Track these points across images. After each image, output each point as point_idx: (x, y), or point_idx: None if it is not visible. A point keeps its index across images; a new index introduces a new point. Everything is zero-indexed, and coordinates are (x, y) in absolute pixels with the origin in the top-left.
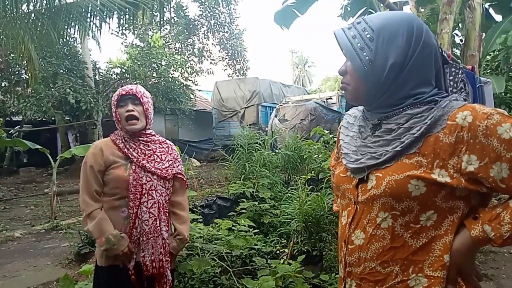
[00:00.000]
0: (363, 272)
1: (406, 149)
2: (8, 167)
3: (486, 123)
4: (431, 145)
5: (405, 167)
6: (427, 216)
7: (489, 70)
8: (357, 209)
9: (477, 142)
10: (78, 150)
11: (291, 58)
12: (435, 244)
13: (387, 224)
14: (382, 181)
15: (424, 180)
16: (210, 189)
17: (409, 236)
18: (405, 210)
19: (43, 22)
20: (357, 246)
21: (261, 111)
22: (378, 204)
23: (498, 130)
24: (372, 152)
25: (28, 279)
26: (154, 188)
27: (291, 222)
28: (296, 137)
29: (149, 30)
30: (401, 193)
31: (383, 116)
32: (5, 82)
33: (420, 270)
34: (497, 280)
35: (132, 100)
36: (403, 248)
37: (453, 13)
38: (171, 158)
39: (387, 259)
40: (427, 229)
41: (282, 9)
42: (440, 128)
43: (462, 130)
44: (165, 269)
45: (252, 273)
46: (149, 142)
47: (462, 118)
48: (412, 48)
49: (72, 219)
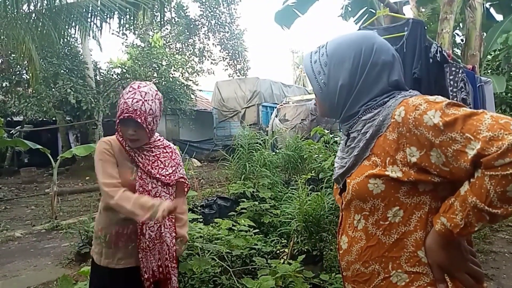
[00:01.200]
0: (353, 275)
1: (363, 152)
2: (9, 167)
3: (414, 115)
4: (381, 145)
5: (364, 169)
6: (394, 212)
7: (490, 69)
8: (342, 216)
9: (412, 134)
10: (78, 150)
11: (292, 58)
12: (407, 240)
13: (362, 225)
14: (349, 186)
15: (380, 177)
16: (211, 189)
17: (381, 233)
18: (372, 209)
19: (43, 22)
20: (344, 251)
21: (262, 111)
22: (352, 207)
23: (424, 119)
24: (342, 162)
25: (28, 279)
26: (159, 194)
27: (291, 222)
28: (297, 137)
29: (150, 30)
30: (364, 193)
31: (348, 127)
32: (6, 82)
33: (398, 266)
34: (497, 280)
35: (133, 124)
36: (378, 246)
37: (453, 12)
38: (174, 163)
39: (367, 259)
40: (396, 225)
41: (282, 9)
42: (386, 126)
43: (399, 126)
44: (170, 274)
45: (252, 273)
46: (152, 148)
47: (398, 114)
48: (360, 70)
49: (73, 219)
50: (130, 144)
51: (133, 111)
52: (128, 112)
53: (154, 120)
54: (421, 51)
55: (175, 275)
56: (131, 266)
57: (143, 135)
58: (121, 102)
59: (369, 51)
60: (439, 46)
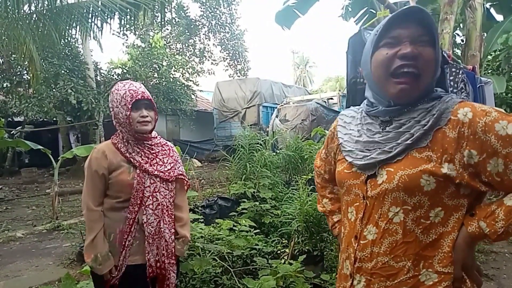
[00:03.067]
0: (374, 267)
1: (417, 142)
2: (10, 167)
3: (485, 120)
4: (439, 141)
5: (417, 162)
6: (436, 212)
7: (490, 70)
8: (367, 204)
9: (476, 138)
10: (79, 150)
11: (292, 58)
12: (444, 240)
13: (399, 219)
14: (394, 175)
15: (435, 175)
16: (211, 190)
17: (420, 231)
18: (416, 205)
19: (44, 23)
20: (370, 241)
21: (262, 111)
22: (390, 198)
23: (496, 127)
24: (381, 147)
25: (30, 279)
26: (158, 190)
27: (292, 222)
28: (297, 137)
29: (150, 31)
30: (414, 187)
31: (394, 114)
32: (6, 82)
33: (430, 266)
34: (498, 280)
35: (146, 105)
36: (415, 243)
37: (454, 13)
38: (173, 160)
39: (399, 254)
40: (436, 225)
41: (283, 10)
42: (446, 120)
43: (463, 126)
44: (167, 271)
45: (253, 273)
46: (152, 145)
47: (463, 114)
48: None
49: (74, 219)
50: (140, 128)
51: (143, 93)
52: (139, 94)
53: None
54: None
55: (173, 271)
56: (136, 263)
57: (152, 117)
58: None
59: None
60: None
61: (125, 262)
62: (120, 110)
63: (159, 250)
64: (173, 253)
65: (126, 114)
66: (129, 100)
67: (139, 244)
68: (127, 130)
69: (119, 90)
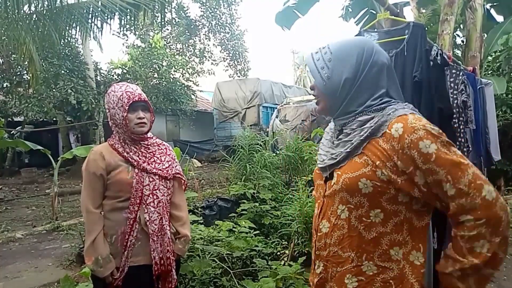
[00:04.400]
0: (328, 255)
1: (355, 149)
2: (10, 167)
3: (411, 137)
4: (372, 147)
5: (357, 166)
6: (375, 213)
7: (490, 71)
8: (324, 202)
9: (403, 153)
10: (79, 151)
11: (292, 58)
12: (383, 239)
13: (345, 216)
14: (340, 178)
15: (371, 180)
16: (211, 190)
17: (362, 228)
18: (357, 205)
19: (44, 23)
20: (323, 234)
21: (262, 111)
22: (338, 198)
23: (419, 145)
24: (333, 154)
25: (29, 280)
26: (157, 188)
27: (291, 224)
28: (297, 138)
29: (150, 31)
30: (354, 189)
31: (342, 124)
32: (6, 82)
33: (371, 259)
34: (498, 282)
35: (142, 107)
36: (358, 238)
37: (454, 14)
38: (170, 158)
39: (345, 245)
40: (376, 225)
41: (283, 10)
42: (382, 132)
43: (394, 140)
44: (172, 266)
45: (252, 275)
46: (149, 145)
47: (396, 129)
48: (362, 66)
49: (73, 220)
50: (137, 130)
51: (139, 95)
52: (136, 96)
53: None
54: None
55: (173, 267)
56: (139, 264)
57: (149, 119)
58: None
59: (370, 51)
60: (440, 49)
61: (127, 263)
62: (117, 111)
63: (163, 247)
64: (172, 250)
65: (123, 116)
66: (126, 102)
67: (141, 244)
68: (124, 131)
69: (115, 92)
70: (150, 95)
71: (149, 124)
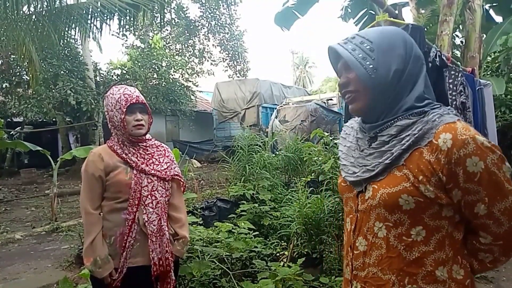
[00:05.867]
0: (367, 276)
1: (396, 160)
2: (9, 168)
3: (460, 153)
4: (416, 160)
5: (397, 180)
6: (417, 231)
7: (489, 71)
8: (357, 217)
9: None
10: (78, 152)
11: (292, 58)
12: (427, 259)
13: (383, 234)
14: (377, 192)
15: (413, 196)
16: (211, 191)
17: (403, 248)
18: (397, 222)
19: (43, 24)
20: (361, 252)
21: (262, 112)
22: (374, 214)
23: (467, 162)
24: (367, 165)
25: (28, 282)
26: (155, 189)
27: (291, 225)
28: (297, 139)
29: (150, 31)
30: (393, 205)
31: (378, 129)
32: (6, 83)
33: (414, 282)
34: (497, 282)
35: (140, 109)
36: (398, 259)
37: (453, 14)
38: (168, 160)
39: (385, 267)
40: (418, 244)
41: (282, 11)
42: (427, 141)
43: (441, 153)
44: (170, 267)
45: (252, 276)
46: (148, 147)
47: (444, 141)
48: (408, 58)
49: (73, 220)
50: (135, 132)
51: (137, 97)
52: (133, 98)
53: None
54: None
55: (172, 268)
56: (137, 265)
57: (146, 121)
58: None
59: (411, 42)
60: (438, 50)
61: (126, 264)
62: (115, 113)
63: (162, 248)
64: (171, 251)
65: (121, 118)
66: (123, 104)
67: (140, 245)
68: (122, 133)
69: (114, 94)
70: (149, 95)
71: (147, 126)
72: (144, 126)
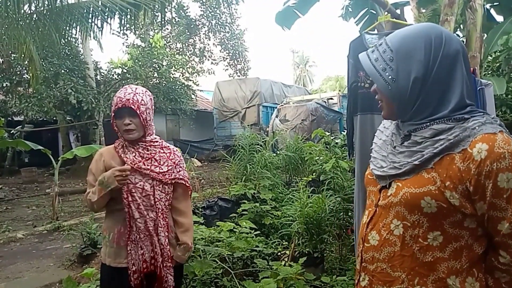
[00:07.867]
0: (375, 270)
1: (425, 163)
2: (10, 167)
3: (493, 167)
4: (446, 165)
5: (422, 181)
6: (434, 236)
7: (490, 71)
8: (376, 212)
9: (479, 179)
10: (79, 151)
11: (292, 58)
12: (439, 265)
13: (399, 232)
14: (400, 190)
15: (437, 200)
16: (212, 190)
17: (417, 249)
18: (415, 223)
19: (44, 23)
20: (372, 246)
21: (262, 111)
22: (394, 211)
23: (498, 177)
24: (396, 162)
25: (30, 281)
26: (150, 189)
27: (292, 224)
28: (297, 138)
29: (150, 30)
30: (414, 206)
31: (412, 129)
32: (6, 82)
33: (424, 284)
34: None
35: (128, 112)
36: (411, 258)
37: (454, 14)
38: (171, 163)
39: (396, 264)
40: (433, 248)
41: (283, 10)
42: (461, 149)
43: (473, 162)
44: (164, 271)
45: (253, 275)
46: (148, 146)
47: (479, 151)
48: (432, 60)
49: (74, 219)
50: (126, 137)
51: (126, 100)
52: (122, 102)
53: (147, 112)
54: None
55: (170, 274)
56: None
57: (138, 124)
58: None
59: (439, 40)
60: None
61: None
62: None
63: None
64: (169, 256)
65: (113, 122)
66: (113, 109)
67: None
68: (120, 135)
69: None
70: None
71: (140, 128)
72: (134, 130)
